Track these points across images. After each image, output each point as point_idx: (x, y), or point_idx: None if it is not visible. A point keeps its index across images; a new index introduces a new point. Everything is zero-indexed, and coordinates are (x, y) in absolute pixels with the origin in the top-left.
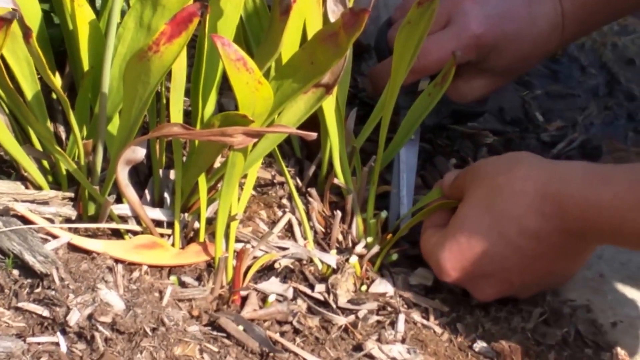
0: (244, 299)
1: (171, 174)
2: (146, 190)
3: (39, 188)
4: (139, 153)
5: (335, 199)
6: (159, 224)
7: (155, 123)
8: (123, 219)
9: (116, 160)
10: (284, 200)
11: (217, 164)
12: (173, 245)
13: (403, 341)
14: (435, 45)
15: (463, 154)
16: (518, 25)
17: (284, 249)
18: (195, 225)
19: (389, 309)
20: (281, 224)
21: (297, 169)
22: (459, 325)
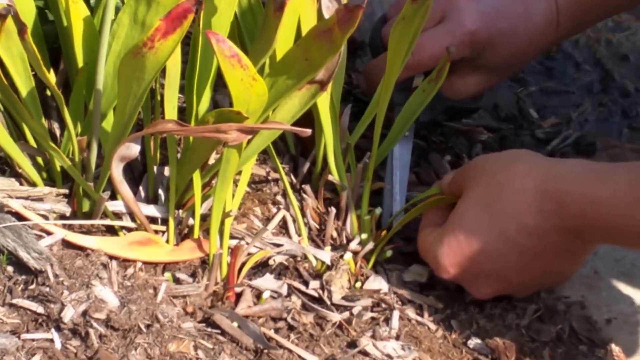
0: (238, 296)
1: (165, 171)
2: (140, 187)
3: (33, 185)
4: (133, 149)
5: (329, 195)
6: (153, 220)
7: (149, 120)
8: (117, 216)
9: (110, 156)
10: (279, 197)
11: (212, 161)
12: (167, 241)
13: (397, 338)
14: (429, 41)
15: (457, 151)
16: (513, 22)
17: (278, 245)
18: (190, 221)
19: (383, 305)
20: (275, 220)
21: (292, 165)
22: (454, 322)
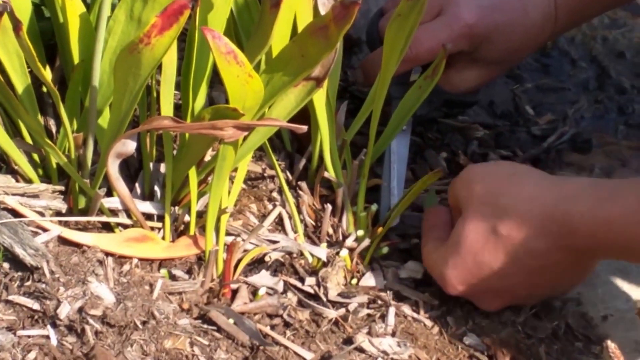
0: (234, 292)
1: (162, 167)
2: (136, 184)
3: (29, 181)
4: (129, 146)
5: (325, 192)
6: (149, 217)
7: (145, 116)
8: (113, 212)
9: (106, 153)
10: (275, 194)
11: (208, 157)
12: (163, 238)
13: (393, 334)
14: (427, 34)
15: (453, 148)
16: (510, 16)
17: (274, 242)
18: (186, 218)
19: (379, 302)
20: (271, 217)
21: (288, 162)
22: (450, 319)
